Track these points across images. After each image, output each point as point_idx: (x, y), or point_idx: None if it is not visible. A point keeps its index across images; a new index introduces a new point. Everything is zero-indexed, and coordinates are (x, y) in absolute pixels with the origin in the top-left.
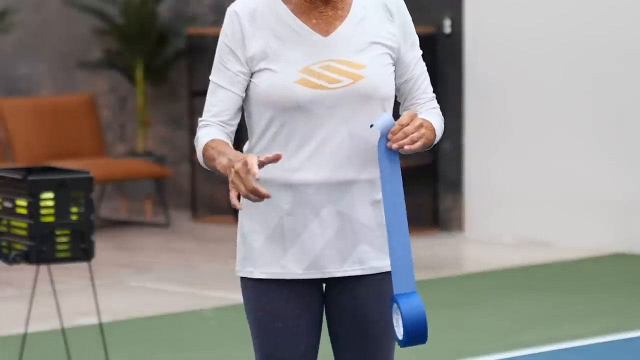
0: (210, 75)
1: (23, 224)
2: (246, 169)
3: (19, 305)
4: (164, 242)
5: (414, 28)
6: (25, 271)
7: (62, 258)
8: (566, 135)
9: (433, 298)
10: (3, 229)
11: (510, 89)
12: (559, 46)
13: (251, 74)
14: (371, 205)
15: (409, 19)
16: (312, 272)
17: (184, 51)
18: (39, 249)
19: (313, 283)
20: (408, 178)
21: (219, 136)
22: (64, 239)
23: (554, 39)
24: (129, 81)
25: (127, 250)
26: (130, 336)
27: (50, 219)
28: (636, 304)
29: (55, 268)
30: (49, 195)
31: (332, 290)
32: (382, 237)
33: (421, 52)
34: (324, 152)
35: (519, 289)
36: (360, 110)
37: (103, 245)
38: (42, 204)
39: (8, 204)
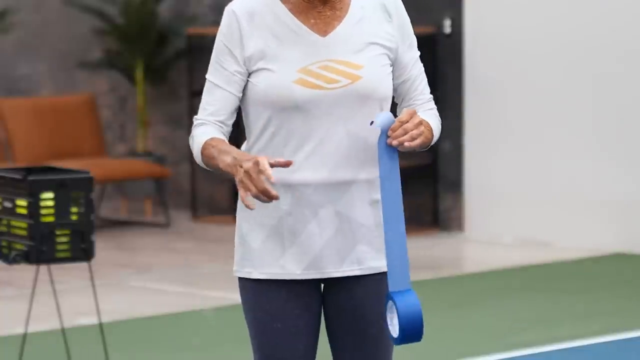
0: (207, 74)
1: (23, 224)
2: (257, 169)
3: (19, 305)
4: (164, 242)
5: (412, 29)
6: (25, 271)
7: (62, 258)
8: (566, 135)
9: (433, 298)
10: (3, 229)
11: (510, 89)
12: (559, 46)
13: (249, 74)
14: (370, 205)
15: (407, 20)
16: (311, 273)
17: (184, 51)
18: (39, 249)
19: (312, 283)
20: (408, 178)
21: (217, 135)
22: (64, 239)
23: (554, 39)
24: (129, 81)
25: (127, 250)
26: (130, 336)
27: (50, 219)
28: (636, 304)
29: (55, 268)
30: (49, 195)
31: (331, 290)
32: (381, 237)
33: (419, 53)
34: (322, 152)
35: (519, 289)
36: (358, 111)
37: (103, 245)
38: (42, 204)
39: (8, 204)
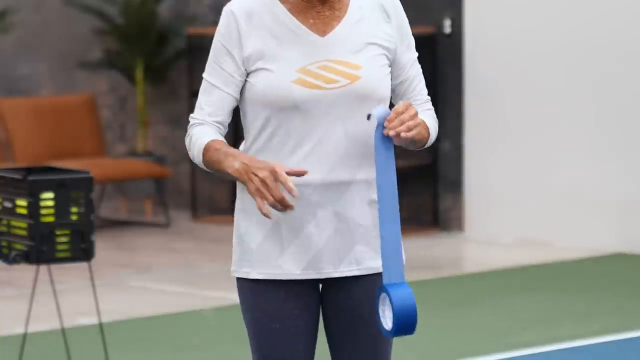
0: (204, 73)
1: (23, 224)
2: (273, 178)
3: (19, 305)
4: (164, 242)
5: (412, 29)
6: (25, 271)
7: (62, 258)
8: (566, 135)
9: (433, 298)
10: (3, 229)
11: (510, 89)
12: (559, 46)
13: (247, 74)
14: (368, 206)
15: (406, 21)
16: (310, 273)
17: (184, 51)
18: (39, 249)
19: (310, 283)
20: (408, 178)
21: (217, 136)
22: (64, 239)
23: (554, 39)
24: (129, 81)
25: (127, 250)
26: (130, 336)
27: (50, 219)
28: (636, 304)
29: (55, 268)
30: (49, 195)
31: (329, 291)
32: (379, 237)
33: (417, 54)
34: (320, 153)
35: (519, 289)
36: (357, 111)
37: (103, 245)
38: (42, 204)
39: (8, 204)
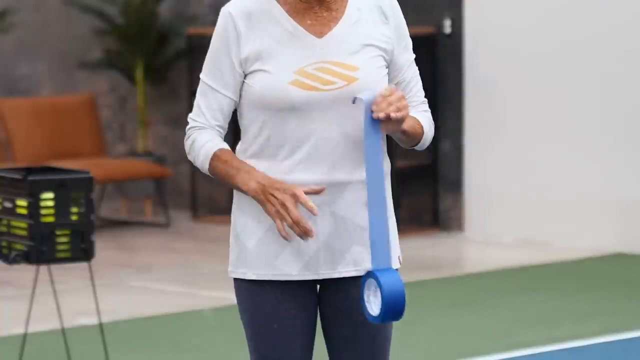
0: (202, 74)
1: (23, 224)
2: (294, 201)
3: (19, 305)
4: (164, 242)
5: (412, 29)
6: (25, 271)
7: (62, 258)
8: (566, 136)
9: (433, 298)
10: (3, 229)
11: (510, 89)
12: (559, 46)
13: (245, 76)
14: (365, 206)
15: (403, 22)
16: (307, 274)
17: (184, 51)
18: (39, 249)
19: (307, 284)
20: (408, 178)
21: (223, 144)
22: (64, 239)
23: (554, 39)
24: (129, 81)
25: (127, 250)
26: (130, 336)
27: (50, 219)
28: (636, 304)
29: (55, 268)
30: (49, 195)
31: (327, 291)
32: None
33: (414, 56)
34: (317, 154)
35: (519, 289)
36: (353, 112)
37: (103, 245)
38: (42, 204)
39: (8, 204)
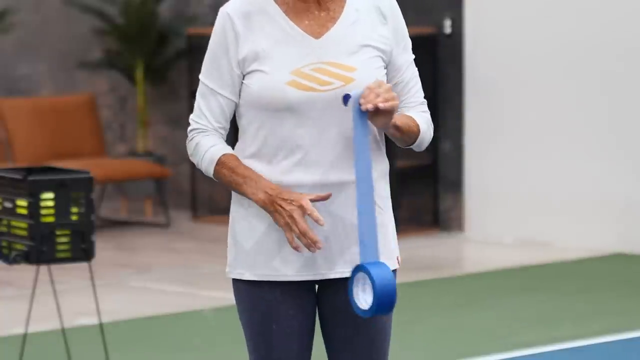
0: (201, 75)
1: (23, 224)
2: (300, 212)
3: (19, 305)
4: (164, 242)
5: (412, 30)
6: (25, 271)
7: (62, 258)
8: (566, 136)
9: (433, 298)
10: (3, 229)
11: (511, 89)
12: (559, 46)
13: (243, 76)
14: None
15: (403, 23)
16: (304, 274)
17: (184, 51)
18: (39, 249)
19: (306, 284)
20: (408, 178)
21: (227, 149)
22: (64, 239)
23: (554, 39)
24: (129, 81)
25: (127, 250)
26: (130, 336)
27: (51, 219)
28: (636, 304)
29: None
30: (49, 195)
31: (325, 292)
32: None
33: (413, 57)
34: (315, 154)
35: (519, 289)
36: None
37: (103, 245)
38: (42, 204)
39: (8, 204)
